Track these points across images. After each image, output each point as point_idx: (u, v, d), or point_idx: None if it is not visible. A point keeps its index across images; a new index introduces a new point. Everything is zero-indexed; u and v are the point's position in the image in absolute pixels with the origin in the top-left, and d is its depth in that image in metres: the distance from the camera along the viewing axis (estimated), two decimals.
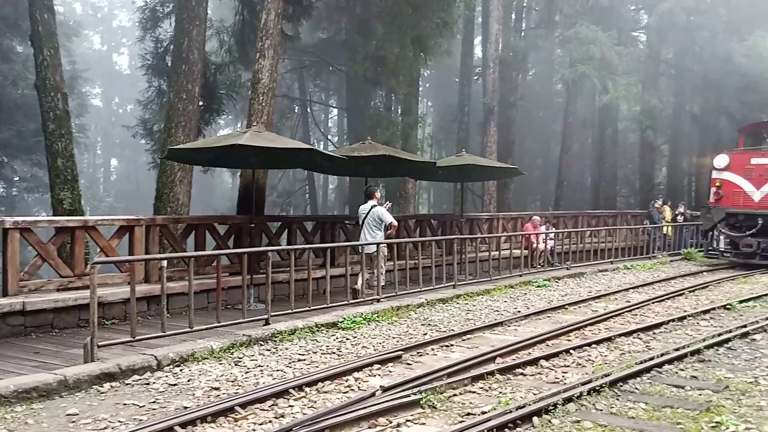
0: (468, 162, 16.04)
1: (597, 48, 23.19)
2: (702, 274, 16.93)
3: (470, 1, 21.68)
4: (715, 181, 18.83)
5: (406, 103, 19.67)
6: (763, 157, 17.89)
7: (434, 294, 12.44)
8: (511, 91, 28.37)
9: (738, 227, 18.20)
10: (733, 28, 26.65)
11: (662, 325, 9.97)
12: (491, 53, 25.11)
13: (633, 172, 40.78)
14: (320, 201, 44.85)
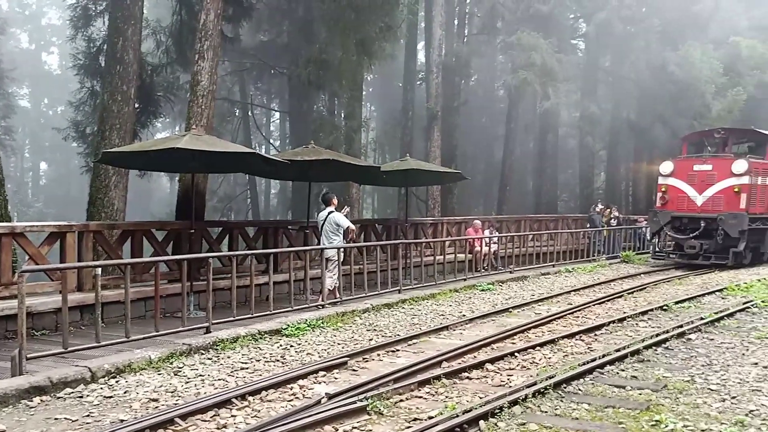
0: (412, 167, 16.03)
1: (538, 55, 23.59)
2: (640, 276, 17.34)
3: (413, 6, 21.76)
4: (661, 186, 19.65)
5: (349, 107, 19.56)
6: (704, 164, 18.78)
7: (379, 299, 12.35)
8: (455, 96, 28.61)
9: (682, 230, 19.00)
10: (666, 38, 27.55)
11: (603, 326, 10.11)
12: (434, 58, 25.27)
13: (573, 177, 41.69)
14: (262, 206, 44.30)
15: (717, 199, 18.51)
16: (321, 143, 17.15)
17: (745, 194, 18.11)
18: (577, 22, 32.02)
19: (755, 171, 18.39)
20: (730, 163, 18.29)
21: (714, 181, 18.56)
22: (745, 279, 15.86)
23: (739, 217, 17.97)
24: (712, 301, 12.77)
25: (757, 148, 19.56)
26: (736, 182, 18.12)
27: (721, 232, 18.07)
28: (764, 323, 10.30)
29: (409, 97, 29.02)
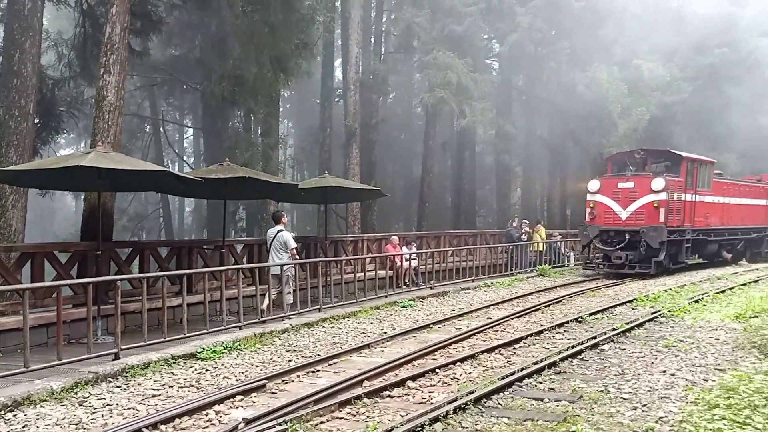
0: (331, 184, 15.88)
1: (454, 74, 24.02)
2: (556, 289, 17.77)
3: (329, 24, 21.73)
4: (589, 202, 21.23)
5: (266, 124, 19.25)
6: (628, 182, 20.45)
7: (299, 319, 12.12)
8: (373, 113, 28.74)
9: (610, 242, 20.55)
10: (575, 59, 28.67)
11: (521, 339, 10.24)
12: (351, 76, 25.33)
13: (491, 193, 42.60)
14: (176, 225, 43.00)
15: (639, 213, 20.03)
16: (237, 160, 16.76)
17: (663, 209, 19.72)
18: (491, 42, 32.89)
19: (672, 188, 20.04)
20: (650, 181, 19.95)
21: (636, 198, 20.14)
22: (653, 290, 16.53)
23: (659, 230, 19.51)
24: (623, 312, 13.19)
25: (673, 167, 21.17)
26: (655, 198, 19.76)
27: (644, 243, 19.58)
28: (671, 332, 10.70)
29: (327, 114, 28.96)
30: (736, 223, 24.12)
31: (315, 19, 17.12)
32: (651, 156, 21.67)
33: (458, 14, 25.67)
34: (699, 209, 21.49)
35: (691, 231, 21.10)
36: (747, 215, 25.06)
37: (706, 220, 22.08)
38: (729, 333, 10.30)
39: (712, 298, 14.56)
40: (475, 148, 36.26)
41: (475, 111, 25.06)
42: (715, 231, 22.81)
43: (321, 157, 29.17)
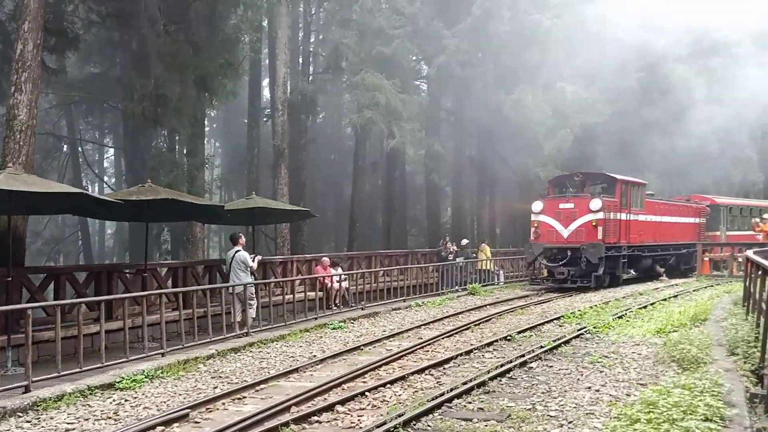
0: (258, 205, 15.60)
1: (382, 95, 24.15)
2: (486, 307, 17.95)
3: (255, 44, 21.47)
4: (533, 222, 22.81)
5: (191, 144, 18.77)
6: (568, 203, 22.19)
7: (225, 344, 11.79)
8: (301, 133, 28.57)
9: (553, 259, 22.07)
10: (501, 81, 29.31)
11: (452, 359, 10.24)
12: (279, 96, 25.14)
13: (421, 212, 42.90)
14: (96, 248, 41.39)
15: (579, 231, 21.69)
16: (160, 181, 16.27)
17: (601, 227, 21.41)
18: (420, 64, 33.30)
19: (608, 208, 21.73)
20: (588, 201, 21.66)
21: (576, 217, 21.83)
22: (580, 306, 16.90)
23: (597, 247, 21.18)
24: (551, 329, 13.41)
25: (609, 188, 22.76)
26: (593, 217, 21.48)
27: (584, 259, 21.19)
28: (596, 348, 10.91)
29: (255, 134, 28.59)
30: (668, 240, 25.77)
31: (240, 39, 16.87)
32: (589, 179, 23.35)
33: (386, 36, 25.88)
34: (633, 227, 23.10)
35: (626, 247, 22.71)
36: (677, 232, 26.77)
37: (640, 237, 23.64)
38: (650, 348, 10.58)
39: (634, 313, 14.98)
40: (405, 167, 36.52)
41: (404, 131, 25.23)
42: (648, 247, 24.44)
43: (249, 177, 28.72)
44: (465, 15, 27.20)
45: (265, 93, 36.70)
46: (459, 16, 27.63)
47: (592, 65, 32.65)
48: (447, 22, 27.84)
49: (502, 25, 26.48)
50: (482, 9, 26.31)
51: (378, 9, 27.75)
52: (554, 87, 30.05)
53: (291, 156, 26.39)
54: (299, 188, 28.09)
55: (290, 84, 27.36)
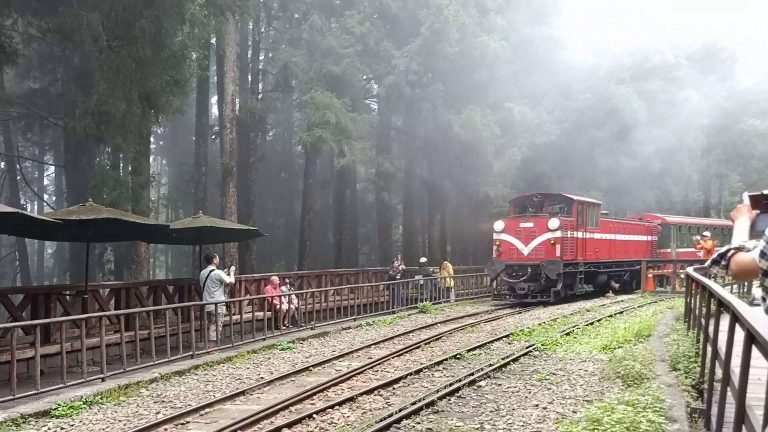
0: (205, 224, 15.28)
1: (332, 113, 24.12)
2: (436, 325, 17.97)
3: (202, 62, 21.19)
4: (495, 241, 23.86)
5: (135, 162, 18.34)
6: (528, 222, 23.33)
7: (170, 367, 11.48)
8: (251, 151, 28.29)
9: (514, 275, 23.09)
10: (451, 101, 29.68)
11: (401, 379, 10.17)
12: (227, 113, 24.88)
13: (373, 230, 42.89)
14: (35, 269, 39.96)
15: (539, 249, 22.82)
16: (104, 200, 15.82)
17: (559, 245, 22.55)
18: (370, 83, 33.42)
19: (565, 227, 22.91)
20: (547, 221, 22.79)
21: (536, 236, 22.95)
22: (529, 323, 17.07)
23: (556, 263, 22.28)
24: (500, 347, 13.47)
25: (566, 208, 24.03)
26: (552, 236, 22.61)
27: (544, 275, 22.35)
28: (544, 365, 11.00)
29: (203, 152, 28.16)
30: (622, 257, 26.91)
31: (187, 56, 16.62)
32: (547, 199, 24.56)
33: (336, 55, 25.92)
34: (589, 245, 24.33)
35: (583, 264, 23.94)
36: (631, 249, 27.97)
37: (596, 254, 24.86)
38: (596, 364, 10.72)
39: (582, 330, 15.19)
40: (356, 185, 36.51)
41: (354, 150, 25.23)
42: (604, 263, 25.62)
43: (196, 195, 28.21)
44: (414, 36, 27.51)
45: (214, 110, 36.29)
46: (408, 37, 27.93)
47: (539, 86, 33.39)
48: (396, 42, 28.10)
49: (450, 46, 26.84)
50: (431, 30, 26.64)
51: (328, 28, 27.86)
52: (503, 107, 30.59)
53: (240, 174, 26.09)
54: (248, 206, 27.75)
55: (239, 101, 27.11)
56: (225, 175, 24.49)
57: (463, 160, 30.35)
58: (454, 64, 27.85)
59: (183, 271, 41.06)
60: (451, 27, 26.56)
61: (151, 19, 13.91)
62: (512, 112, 30.56)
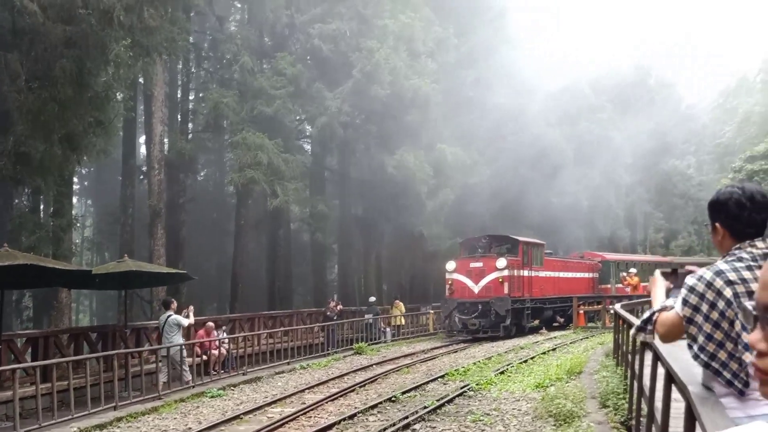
0: (131, 268, 14.75)
1: (264, 154, 23.92)
2: (372, 367, 17.74)
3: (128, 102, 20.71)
4: (448, 280, 25.01)
5: (57, 204, 17.60)
6: (477, 262, 24.54)
7: (90, 420, 10.90)
8: (180, 192, 27.71)
9: (466, 312, 24.14)
10: (384, 142, 29.96)
11: (335, 425, 9.93)
12: (156, 154, 24.37)
13: (307, 271, 42.38)
14: None
15: (488, 287, 24.01)
16: (21, 244, 15.09)
17: (507, 283, 23.86)
18: (303, 124, 33.41)
19: (512, 266, 24.27)
20: (495, 260, 24.10)
21: (485, 274, 24.12)
22: (464, 362, 17.05)
23: (504, 300, 23.53)
24: (435, 388, 13.36)
25: (512, 248, 25.36)
26: (500, 274, 23.88)
27: (493, 312, 23.48)
28: (478, 405, 10.94)
29: (130, 193, 27.39)
30: (566, 293, 28.14)
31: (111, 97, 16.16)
32: (495, 240, 26.01)
33: (267, 96, 25.82)
34: (535, 282, 25.75)
35: (530, 300, 25.24)
36: (574, 286, 29.37)
37: (541, 291, 26.23)
38: (530, 403, 10.73)
39: (515, 368, 15.26)
40: (290, 226, 36.14)
41: (287, 191, 25.02)
42: (549, 300, 26.92)
43: (123, 238, 27.31)
44: (346, 78, 27.77)
45: (142, 150, 35.48)
46: (341, 79, 28.18)
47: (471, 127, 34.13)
48: (329, 84, 28.30)
49: (382, 88, 27.18)
50: (363, 73, 26.96)
51: (259, 69, 27.83)
52: (435, 148, 31.03)
53: (169, 215, 25.47)
54: (177, 248, 27.05)
55: (168, 142, 26.61)
56: (153, 216, 23.84)
57: (397, 200, 30.56)
58: (387, 105, 28.19)
59: (109, 316, 39.38)
60: (382, 70, 26.95)
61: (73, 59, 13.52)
62: (445, 153, 31.04)
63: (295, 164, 26.28)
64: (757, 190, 2.55)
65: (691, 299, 2.50)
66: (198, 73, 33.55)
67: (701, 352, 2.50)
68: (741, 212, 2.51)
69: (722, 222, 2.57)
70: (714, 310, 2.44)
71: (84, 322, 43.82)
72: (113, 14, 14.04)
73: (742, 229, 2.52)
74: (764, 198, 2.53)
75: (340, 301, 27.00)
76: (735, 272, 2.44)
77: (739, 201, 2.53)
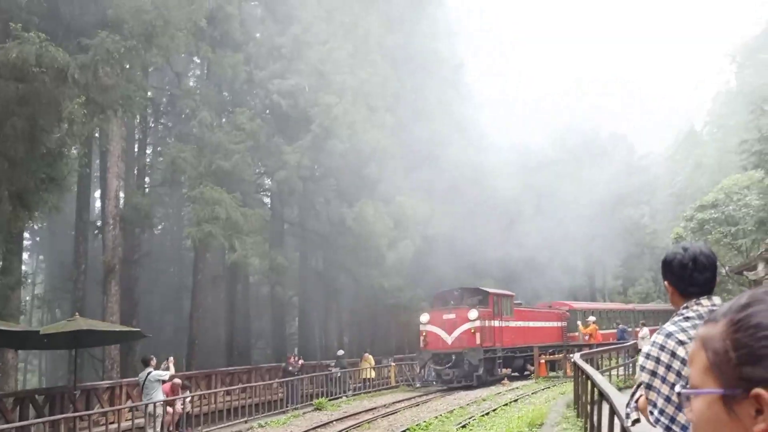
0: (82, 327, 14.31)
1: (222, 209, 23.77)
2: (332, 423, 17.41)
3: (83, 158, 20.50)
4: (422, 332, 25.69)
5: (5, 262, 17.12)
6: (450, 314, 25.16)
7: None
8: (135, 248, 27.26)
9: (440, 363, 24.74)
10: (343, 195, 30.13)
11: None
12: (111, 209, 24.00)
13: (267, 325, 41.76)
14: None
15: (461, 338, 24.59)
16: None
17: (479, 333, 24.47)
18: (261, 177, 33.39)
19: (484, 317, 24.91)
20: (467, 312, 24.73)
21: (458, 326, 24.75)
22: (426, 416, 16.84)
23: (476, 350, 24.15)
24: None
25: (483, 300, 26.01)
26: (471, 325, 24.52)
27: (467, 362, 24.05)
28: None
29: (83, 249, 26.80)
30: (536, 342, 28.51)
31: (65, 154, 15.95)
32: (466, 292, 26.82)
33: (226, 151, 25.80)
34: (506, 332, 26.44)
35: (501, 350, 25.85)
36: (544, 335, 30.14)
37: (512, 341, 26.87)
38: None
39: (477, 421, 15.11)
40: (248, 279, 35.74)
41: (245, 245, 24.81)
42: (519, 349, 27.49)
43: (75, 295, 26.58)
44: (305, 132, 28.02)
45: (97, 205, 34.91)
46: (299, 133, 28.41)
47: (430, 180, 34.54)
48: (288, 138, 28.50)
49: (341, 142, 27.47)
50: (321, 127, 27.26)
51: (218, 124, 27.87)
52: (394, 200, 31.27)
53: (124, 271, 24.97)
54: (132, 305, 26.45)
55: (124, 196, 26.29)
56: (107, 273, 23.33)
57: (357, 252, 30.57)
58: (346, 159, 28.44)
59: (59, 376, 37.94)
60: (341, 124, 27.29)
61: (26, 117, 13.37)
62: (404, 206, 31.29)
63: (253, 218, 26.14)
64: (701, 251, 2.63)
65: (647, 365, 2.55)
66: (156, 127, 33.46)
67: (661, 415, 2.52)
68: (684, 272, 2.60)
69: (669, 280, 2.67)
70: (670, 371, 2.49)
71: (32, 382, 42.15)
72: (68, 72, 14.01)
73: (685, 288, 2.61)
74: (707, 258, 2.61)
75: (301, 356, 26.62)
76: (683, 332, 2.51)
77: (681, 262, 2.62)
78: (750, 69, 50.05)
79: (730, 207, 29.21)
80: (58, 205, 16.82)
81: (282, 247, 31.92)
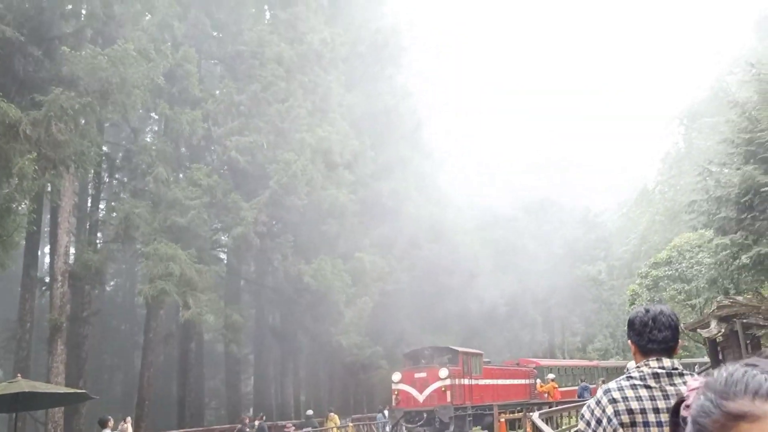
0: (23, 389, 13.72)
1: (176, 265, 23.35)
2: None
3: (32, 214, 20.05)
4: (394, 390, 25.98)
5: None
6: (421, 372, 25.46)
7: None
8: (85, 305, 26.49)
9: (412, 420, 24.89)
10: (301, 251, 29.95)
11: None
12: (60, 266, 23.35)
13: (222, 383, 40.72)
14: None
15: (432, 396, 24.80)
16: None
17: (449, 391, 24.78)
18: (218, 234, 33.01)
19: (454, 375, 25.27)
20: (437, 370, 25.01)
21: (429, 384, 24.99)
22: None
23: (447, 408, 24.34)
24: None
25: (453, 359, 26.36)
26: (442, 384, 24.80)
27: (438, 419, 24.16)
28: None
29: (29, 307, 25.84)
30: (504, 399, 28.93)
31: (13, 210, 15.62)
32: (436, 352, 27.18)
33: (182, 206, 25.50)
34: (475, 390, 26.96)
35: (471, 407, 26.22)
36: (512, 392, 30.62)
37: (481, 398, 27.32)
38: None
39: None
40: (203, 337, 34.91)
41: (200, 302, 24.36)
42: (488, 406, 27.42)
43: (18, 355, 25.50)
44: (263, 188, 27.96)
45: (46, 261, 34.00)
46: (257, 189, 28.34)
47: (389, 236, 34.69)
48: (246, 194, 28.38)
49: (299, 199, 27.47)
50: (280, 184, 27.22)
51: (174, 180, 27.61)
52: (353, 257, 31.22)
53: (72, 329, 24.17)
54: (79, 365, 25.52)
55: (75, 252, 25.66)
56: (53, 332, 22.54)
57: (315, 309, 30.31)
58: (304, 215, 28.41)
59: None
60: (299, 181, 27.33)
61: None
62: (363, 262, 31.25)
63: (208, 274, 25.78)
64: (662, 311, 2.76)
65: (585, 416, 2.72)
66: (111, 183, 33.01)
67: None
68: (644, 330, 2.73)
69: (631, 339, 2.80)
70: (600, 426, 2.64)
71: None
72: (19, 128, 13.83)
73: (644, 345, 2.73)
74: (667, 318, 2.73)
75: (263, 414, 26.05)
76: (619, 391, 2.66)
77: (642, 320, 2.75)
78: (696, 132, 52.03)
79: (683, 264, 29.82)
80: (4, 262, 16.35)
81: (238, 304, 31.42)
